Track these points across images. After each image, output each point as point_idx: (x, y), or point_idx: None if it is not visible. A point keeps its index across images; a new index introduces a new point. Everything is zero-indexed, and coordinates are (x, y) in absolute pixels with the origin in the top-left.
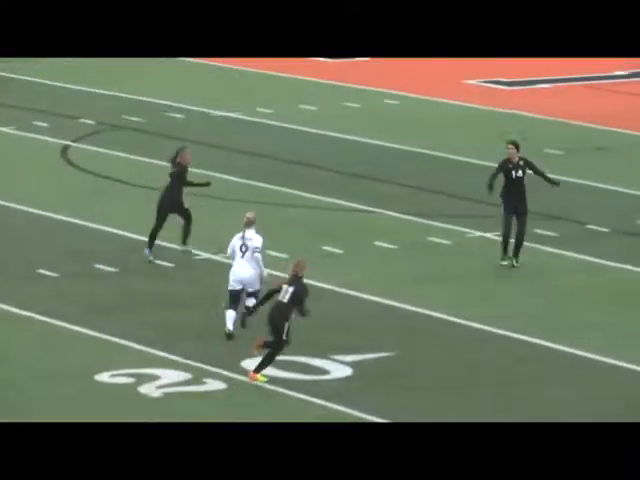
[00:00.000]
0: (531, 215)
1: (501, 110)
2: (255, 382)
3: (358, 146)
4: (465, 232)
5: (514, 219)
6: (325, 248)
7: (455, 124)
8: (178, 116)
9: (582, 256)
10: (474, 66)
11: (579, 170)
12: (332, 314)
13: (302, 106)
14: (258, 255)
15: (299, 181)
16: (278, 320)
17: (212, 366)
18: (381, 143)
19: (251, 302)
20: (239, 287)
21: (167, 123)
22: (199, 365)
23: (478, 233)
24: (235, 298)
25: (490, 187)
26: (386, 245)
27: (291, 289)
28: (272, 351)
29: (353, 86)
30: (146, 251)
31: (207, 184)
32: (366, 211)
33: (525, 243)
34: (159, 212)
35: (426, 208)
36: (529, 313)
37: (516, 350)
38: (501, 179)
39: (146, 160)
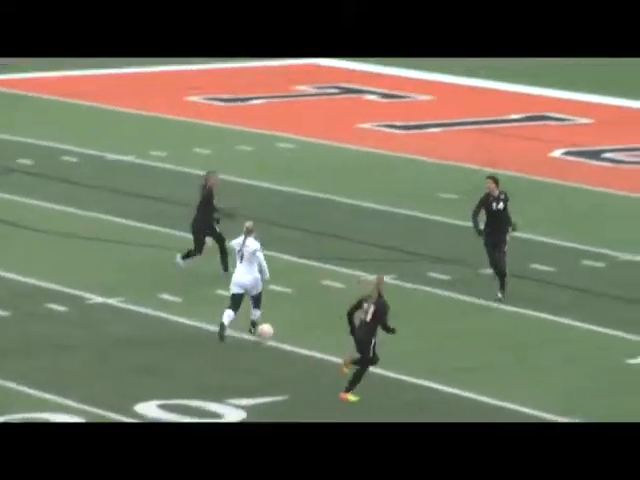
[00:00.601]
0: (423, 258)
1: (395, 154)
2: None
3: (251, 189)
4: (360, 275)
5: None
6: (219, 292)
7: (350, 168)
8: (71, 159)
9: (474, 299)
10: (368, 110)
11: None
12: (226, 358)
13: (196, 149)
14: (259, 254)
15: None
16: (364, 339)
17: (105, 410)
18: (275, 187)
19: (257, 314)
20: (241, 291)
21: (59, 166)
22: (92, 409)
23: (372, 277)
24: (236, 301)
25: (476, 225)
26: (280, 289)
27: (372, 307)
28: (360, 369)
29: (246, 129)
30: (178, 258)
31: (233, 215)
32: None
33: (416, 286)
34: (194, 236)
35: (320, 252)
36: (419, 356)
37: (405, 393)
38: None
39: (38, 203)
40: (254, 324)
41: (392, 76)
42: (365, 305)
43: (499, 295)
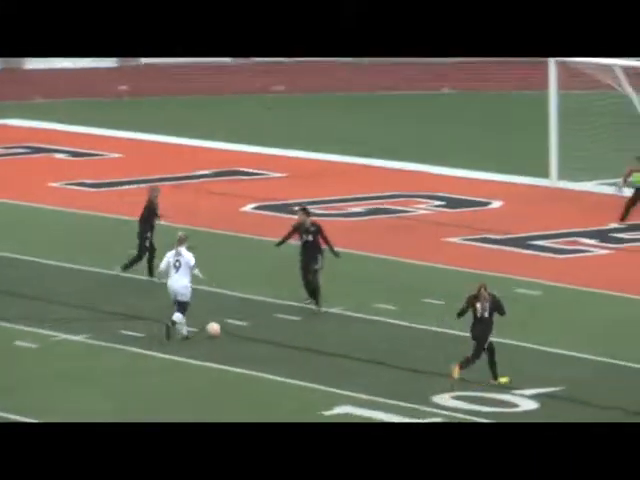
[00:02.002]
0: (116, 317)
1: (86, 212)
2: (454, 379)
3: None
4: (50, 335)
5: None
6: None
7: (42, 227)
8: None
9: (168, 355)
10: (58, 168)
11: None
12: None
13: None
14: (196, 271)
15: None
16: (480, 335)
17: None
18: None
19: (177, 317)
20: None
21: None
22: None
23: (64, 336)
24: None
25: (278, 244)
26: None
27: (487, 304)
28: (474, 357)
29: None
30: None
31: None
32: None
33: (110, 345)
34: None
35: (8, 312)
36: (115, 414)
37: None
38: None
39: None
40: (173, 323)
41: (81, 134)
42: (479, 305)
43: (314, 307)
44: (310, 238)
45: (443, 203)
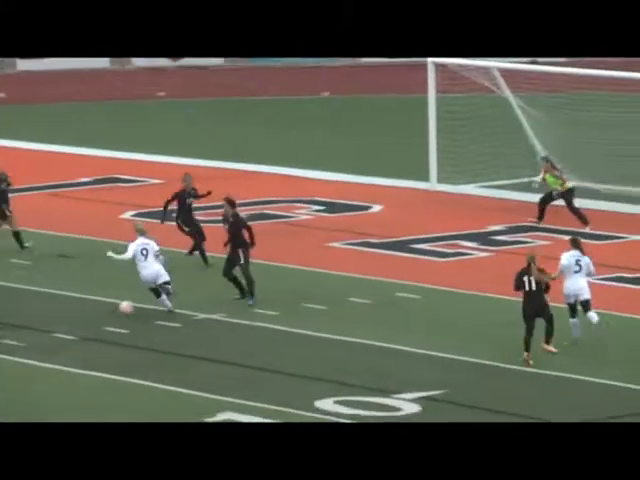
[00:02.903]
0: None
1: None
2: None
3: None
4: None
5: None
6: None
7: None
8: None
9: (49, 365)
10: None
11: (40, 279)
12: None
13: None
14: (162, 257)
15: None
16: (540, 304)
17: None
18: None
19: (167, 304)
20: (153, 285)
21: None
22: None
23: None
24: (156, 292)
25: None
26: None
27: (532, 278)
28: (551, 326)
29: None
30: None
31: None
32: None
33: None
34: (189, 229)
35: None
36: None
37: None
38: None
39: None
40: (166, 290)
41: None
42: (526, 279)
43: (250, 302)
44: (226, 227)
45: (323, 208)
